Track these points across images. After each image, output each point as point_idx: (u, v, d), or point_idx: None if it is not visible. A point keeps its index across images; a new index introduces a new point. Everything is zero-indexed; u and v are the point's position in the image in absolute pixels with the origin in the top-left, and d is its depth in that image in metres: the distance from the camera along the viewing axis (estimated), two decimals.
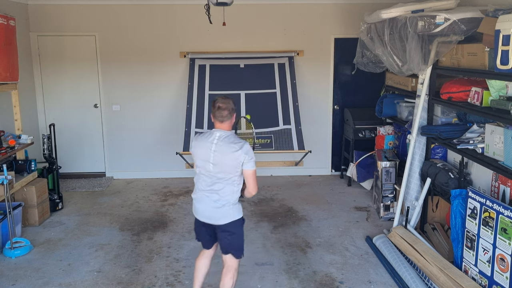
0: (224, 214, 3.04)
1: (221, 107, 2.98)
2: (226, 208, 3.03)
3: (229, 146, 2.97)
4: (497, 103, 3.29)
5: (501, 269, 3.14)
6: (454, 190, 3.72)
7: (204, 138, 3.06)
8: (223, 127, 3.04)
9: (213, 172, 3.01)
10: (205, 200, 3.07)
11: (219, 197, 3.03)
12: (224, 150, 2.97)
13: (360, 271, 3.97)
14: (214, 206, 3.04)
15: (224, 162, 2.98)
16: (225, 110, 2.99)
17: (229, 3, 4.65)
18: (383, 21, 4.49)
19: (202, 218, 3.14)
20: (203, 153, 3.03)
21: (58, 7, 6.37)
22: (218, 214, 3.05)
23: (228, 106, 3.00)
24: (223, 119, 3.01)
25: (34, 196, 4.91)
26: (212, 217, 3.08)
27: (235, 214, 3.07)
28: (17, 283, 3.80)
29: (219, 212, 3.04)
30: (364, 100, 6.61)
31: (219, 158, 2.98)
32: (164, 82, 6.60)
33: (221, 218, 3.05)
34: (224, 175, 3.00)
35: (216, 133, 3.02)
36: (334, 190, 6.20)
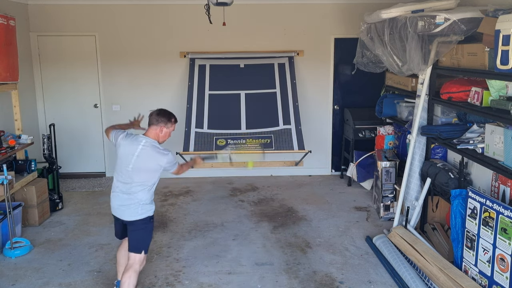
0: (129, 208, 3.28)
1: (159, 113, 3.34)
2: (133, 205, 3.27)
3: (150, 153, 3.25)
4: (497, 103, 3.29)
5: (501, 269, 3.14)
6: (454, 190, 3.72)
7: (130, 140, 3.30)
8: (151, 134, 3.32)
9: (129, 174, 3.24)
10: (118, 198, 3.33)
11: (129, 196, 3.27)
12: (146, 157, 3.24)
13: (360, 271, 3.97)
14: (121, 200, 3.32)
15: (144, 167, 3.23)
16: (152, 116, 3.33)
17: (229, 3, 4.65)
18: (383, 21, 4.49)
19: (116, 213, 3.39)
20: (123, 153, 3.27)
21: (58, 7, 6.37)
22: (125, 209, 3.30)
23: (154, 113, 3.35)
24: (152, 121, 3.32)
25: (34, 196, 4.91)
26: (120, 210, 3.33)
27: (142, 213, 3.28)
28: (17, 283, 3.80)
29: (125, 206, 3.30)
30: (364, 100, 6.61)
31: (140, 163, 3.22)
32: (164, 82, 6.60)
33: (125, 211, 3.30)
34: (136, 176, 3.23)
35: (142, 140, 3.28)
36: (334, 190, 6.20)
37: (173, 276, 3.90)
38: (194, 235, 4.74)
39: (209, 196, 5.98)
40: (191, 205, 5.62)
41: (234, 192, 6.12)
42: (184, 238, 4.66)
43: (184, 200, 5.79)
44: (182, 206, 5.60)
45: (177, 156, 5.79)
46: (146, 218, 3.28)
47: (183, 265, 4.08)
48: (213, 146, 5.85)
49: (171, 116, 3.37)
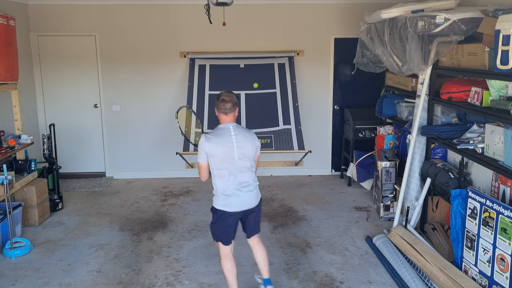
0: (256, 195, 3.30)
1: (224, 99, 3.15)
2: (256, 190, 3.30)
3: (246, 135, 3.22)
4: (497, 103, 3.29)
5: (501, 269, 3.14)
6: (454, 190, 3.72)
7: (221, 135, 3.17)
8: (229, 119, 3.21)
9: (241, 163, 3.18)
10: (241, 194, 3.22)
11: (249, 183, 3.24)
12: (244, 140, 3.18)
13: (360, 271, 3.97)
14: (250, 193, 3.25)
15: (247, 151, 3.19)
16: (229, 103, 3.15)
17: (229, 3, 4.65)
18: (383, 21, 4.49)
19: (240, 208, 3.25)
20: (224, 149, 3.14)
21: (58, 7, 6.37)
22: (255, 198, 3.29)
23: (232, 99, 3.17)
24: (227, 111, 3.17)
25: (34, 196, 4.91)
26: (248, 202, 3.26)
27: (259, 193, 3.37)
28: (17, 283, 3.80)
29: (254, 195, 3.28)
30: (364, 100, 6.61)
31: (243, 149, 3.17)
32: (164, 82, 6.60)
33: (254, 200, 3.29)
34: (248, 163, 3.21)
35: (229, 126, 3.18)
36: (334, 190, 6.20)
37: (173, 276, 3.90)
38: (194, 235, 4.74)
39: (209, 196, 5.95)
40: (191, 205, 5.62)
41: None
42: (184, 238, 4.66)
43: (184, 200, 5.79)
44: (182, 206, 5.60)
45: (177, 156, 5.81)
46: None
47: (183, 265, 4.08)
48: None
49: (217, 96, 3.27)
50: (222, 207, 3.22)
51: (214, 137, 3.16)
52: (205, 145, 3.14)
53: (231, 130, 3.18)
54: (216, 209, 3.26)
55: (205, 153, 3.17)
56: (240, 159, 3.17)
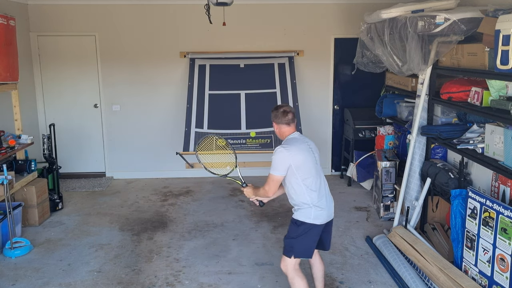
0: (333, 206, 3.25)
1: (286, 110, 3.14)
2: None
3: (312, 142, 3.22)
4: (497, 103, 3.29)
5: (501, 269, 3.14)
6: (454, 190, 3.71)
7: (298, 144, 3.09)
8: (293, 130, 3.19)
9: (320, 171, 3.17)
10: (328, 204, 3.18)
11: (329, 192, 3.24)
12: (314, 146, 3.21)
13: (360, 271, 3.97)
14: (333, 202, 3.25)
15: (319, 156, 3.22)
16: (290, 113, 3.15)
17: (229, 3, 4.66)
18: (383, 21, 4.49)
19: (327, 219, 3.16)
20: (307, 156, 3.07)
21: (58, 7, 6.37)
22: (333, 208, 3.25)
23: (292, 109, 3.19)
24: (290, 121, 3.16)
25: (34, 196, 4.91)
26: (332, 212, 3.23)
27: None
28: (17, 283, 3.80)
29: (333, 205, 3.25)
30: (364, 100, 6.61)
31: (318, 154, 3.20)
32: (164, 82, 6.60)
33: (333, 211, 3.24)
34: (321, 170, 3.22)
35: (298, 135, 3.18)
36: (334, 190, 6.15)
37: (173, 276, 3.90)
38: (194, 235, 4.74)
39: (209, 196, 5.98)
40: (191, 205, 5.62)
41: (234, 192, 6.12)
42: (184, 238, 4.66)
43: (184, 200, 5.79)
44: (182, 206, 5.60)
45: (177, 156, 5.82)
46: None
47: (183, 265, 4.08)
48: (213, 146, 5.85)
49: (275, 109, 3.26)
50: (312, 220, 3.05)
51: (294, 147, 3.04)
52: (287, 156, 3.00)
53: (303, 139, 3.16)
54: (304, 222, 3.06)
55: (287, 165, 3.00)
56: (319, 168, 3.17)
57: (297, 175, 3.02)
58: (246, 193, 3.35)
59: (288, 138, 3.15)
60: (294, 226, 3.10)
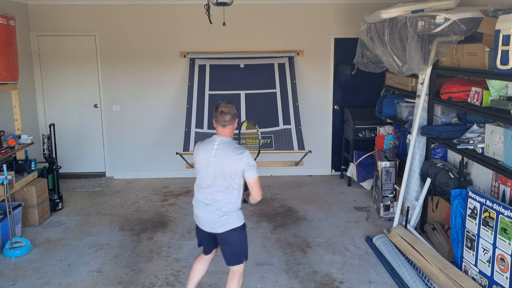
0: (223, 222, 2.98)
1: (223, 111, 2.92)
2: (225, 217, 2.97)
3: (228, 152, 2.91)
4: (497, 103, 3.29)
5: (501, 269, 3.14)
6: (454, 190, 3.72)
7: (205, 145, 3.01)
8: (225, 133, 2.99)
9: (214, 180, 2.95)
10: (205, 208, 3.02)
11: (218, 206, 2.97)
12: (223, 156, 2.91)
13: (360, 271, 3.97)
14: (214, 215, 2.98)
15: (224, 168, 2.91)
16: (228, 115, 2.93)
17: (229, 3, 4.65)
18: (383, 21, 4.49)
19: (202, 227, 3.09)
20: (204, 159, 2.97)
21: (58, 7, 6.37)
22: (217, 223, 2.99)
23: (231, 110, 2.95)
24: (225, 123, 2.95)
25: (34, 196, 4.91)
26: (212, 226, 3.02)
27: (235, 221, 3.00)
28: (17, 283, 3.80)
29: (218, 221, 2.98)
30: (364, 100, 6.61)
31: (219, 165, 2.92)
32: (164, 82, 6.60)
33: (220, 226, 2.99)
34: (223, 182, 2.94)
35: (216, 139, 2.98)
36: (334, 190, 6.20)
37: (173, 276, 3.90)
38: (194, 235, 4.69)
39: None
40: (191, 205, 5.58)
41: None
42: (184, 238, 4.66)
43: (184, 200, 5.79)
44: (182, 206, 5.60)
45: (177, 156, 5.81)
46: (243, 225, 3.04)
47: (183, 265, 4.08)
48: None
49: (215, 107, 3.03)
50: (194, 217, 3.12)
51: (201, 145, 3.03)
52: (194, 152, 3.06)
53: (216, 142, 2.96)
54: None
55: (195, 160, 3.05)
56: (212, 176, 2.94)
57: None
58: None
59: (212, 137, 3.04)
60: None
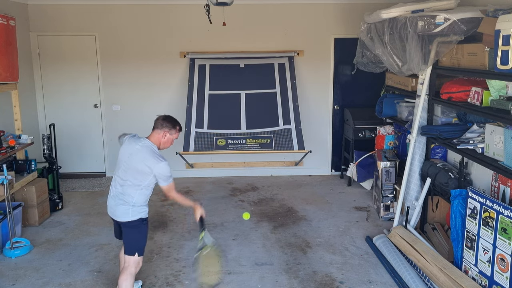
0: (120, 210, 3.25)
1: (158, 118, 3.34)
2: (124, 206, 3.24)
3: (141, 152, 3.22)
4: (497, 103, 3.29)
5: (501, 269, 3.15)
6: (454, 190, 3.72)
7: (126, 143, 3.34)
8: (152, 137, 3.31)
9: (123, 173, 3.25)
10: (113, 197, 3.31)
11: (122, 196, 3.25)
12: (137, 152, 3.22)
13: (360, 271, 3.97)
14: (115, 205, 3.27)
15: (135, 168, 3.20)
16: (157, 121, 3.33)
17: (229, 3, 4.65)
18: (383, 21, 4.49)
19: (110, 212, 3.36)
20: (121, 154, 3.31)
21: (58, 7, 6.37)
22: (118, 212, 3.27)
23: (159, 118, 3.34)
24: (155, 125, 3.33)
25: (34, 196, 4.91)
26: (114, 213, 3.30)
27: (133, 214, 3.24)
28: (17, 283, 3.80)
29: (118, 209, 3.26)
30: (364, 100, 6.61)
31: (132, 163, 3.21)
32: (164, 82, 6.60)
33: (118, 213, 3.27)
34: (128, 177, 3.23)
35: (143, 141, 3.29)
36: (334, 190, 6.20)
37: (173, 276, 3.90)
38: (194, 235, 4.74)
39: (209, 196, 5.98)
40: None
41: (234, 192, 6.12)
42: (184, 238, 4.66)
43: None
44: (182, 206, 5.59)
45: (177, 156, 5.81)
46: (137, 220, 3.25)
47: (183, 265, 4.08)
48: (213, 146, 5.85)
49: (176, 124, 3.36)
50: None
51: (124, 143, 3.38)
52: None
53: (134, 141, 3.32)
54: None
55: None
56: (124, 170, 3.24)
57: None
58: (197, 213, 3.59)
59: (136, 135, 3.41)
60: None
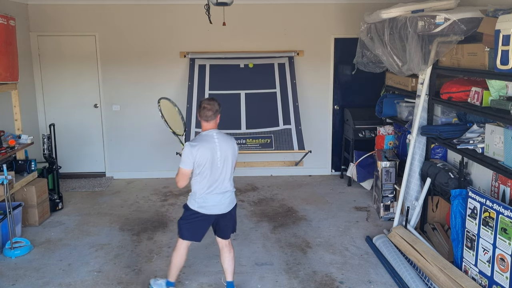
0: (232, 201, 3.43)
1: (206, 107, 3.26)
2: (232, 196, 3.43)
3: (228, 141, 3.33)
4: (497, 103, 3.29)
5: (501, 269, 3.15)
6: (454, 190, 3.72)
7: (204, 142, 3.25)
8: (211, 126, 3.31)
9: (221, 168, 3.29)
10: (217, 199, 3.33)
11: (228, 189, 3.36)
12: (226, 146, 3.30)
13: (360, 271, 3.97)
14: (226, 199, 3.37)
15: (229, 158, 3.31)
16: (210, 111, 3.26)
17: (229, 3, 4.65)
18: (383, 21, 4.49)
19: (214, 211, 3.36)
20: (207, 154, 3.23)
21: (58, 7, 6.37)
22: (230, 203, 3.41)
23: (213, 107, 3.27)
24: (208, 118, 3.28)
25: (34, 196, 4.91)
26: (226, 207, 3.39)
27: (235, 199, 3.48)
28: (17, 283, 3.80)
29: (230, 201, 3.40)
30: (364, 100, 6.61)
31: (225, 156, 3.29)
32: (164, 82, 6.60)
33: (230, 205, 3.42)
34: (229, 170, 3.34)
35: (212, 133, 3.29)
36: (334, 190, 6.19)
37: None
38: None
39: None
40: None
41: None
42: None
43: (184, 200, 5.78)
44: None
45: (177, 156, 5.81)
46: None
47: (183, 265, 4.07)
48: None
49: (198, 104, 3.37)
50: (197, 209, 3.35)
51: (199, 143, 3.24)
52: (191, 152, 3.21)
53: (214, 137, 3.28)
54: (190, 209, 3.38)
55: (191, 161, 3.22)
56: (222, 166, 3.29)
57: (195, 169, 3.27)
58: None
59: (201, 134, 3.33)
60: (184, 209, 3.47)
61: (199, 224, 3.41)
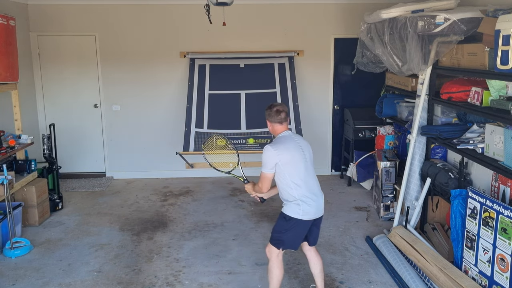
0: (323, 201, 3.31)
1: (279, 110, 3.23)
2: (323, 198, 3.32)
3: (305, 141, 3.32)
4: (497, 103, 3.29)
5: (501, 269, 3.14)
6: (454, 190, 3.72)
7: (286, 142, 3.18)
8: (285, 128, 3.27)
9: (310, 169, 3.23)
10: (316, 201, 3.21)
11: (319, 189, 3.28)
12: (305, 144, 3.28)
13: (360, 271, 3.97)
14: (321, 201, 3.27)
15: (310, 157, 3.28)
16: (283, 112, 3.23)
17: (229, 3, 4.65)
18: (383, 21, 4.49)
19: (315, 215, 3.24)
20: (294, 154, 3.16)
21: (58, 7, 6.37)
22: (323, 206, 3.31)
23: (285, 109, 3.26)
24: (282, 120, 3.24)
25: (34, 196, 4.91)
26: (321, 210, 3.28)
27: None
28: (17, 283, 3.80)
29: (323, 201, 3.30)
30: (364, 100, 6.61)
31: (308, 153, 3.26)
32: (164, 82, 6.60)
33: (323, 206, 3.31)
34: (313, 169, 3.28)
35: (289, 133, 3.26)
36: (334, 190, 6.19)
37: (173, 276, 3.90)
38: (194, 235, 4.74)
39: (209, 196, 5.98)
40: (191, 205, 5.62)
41: (234, 192, 6.12)
42: (184, 238, 4.66)
43: (184, 200, 5.79)
44: (182, 206, 5.60)
45: (177, 156, 5.82)
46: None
47: (183, 265, 4.08)
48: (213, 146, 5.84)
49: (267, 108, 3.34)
50: (301, 216, 3.17)
51: (281, 145, 3.15)
52: (274, 154, 3.12)
53: (293, 137, 3.25)
54: (292, 218, 3.19)
55: (274, 163, 3.13)
56: (310, 165, 3.25)
57: (285, 172, 3.15)
58: (247, 190, 3.52)
59: (279, 136, 3.26)
60: (283, 220, 3.26)
61: (301, 232, 3.26)
